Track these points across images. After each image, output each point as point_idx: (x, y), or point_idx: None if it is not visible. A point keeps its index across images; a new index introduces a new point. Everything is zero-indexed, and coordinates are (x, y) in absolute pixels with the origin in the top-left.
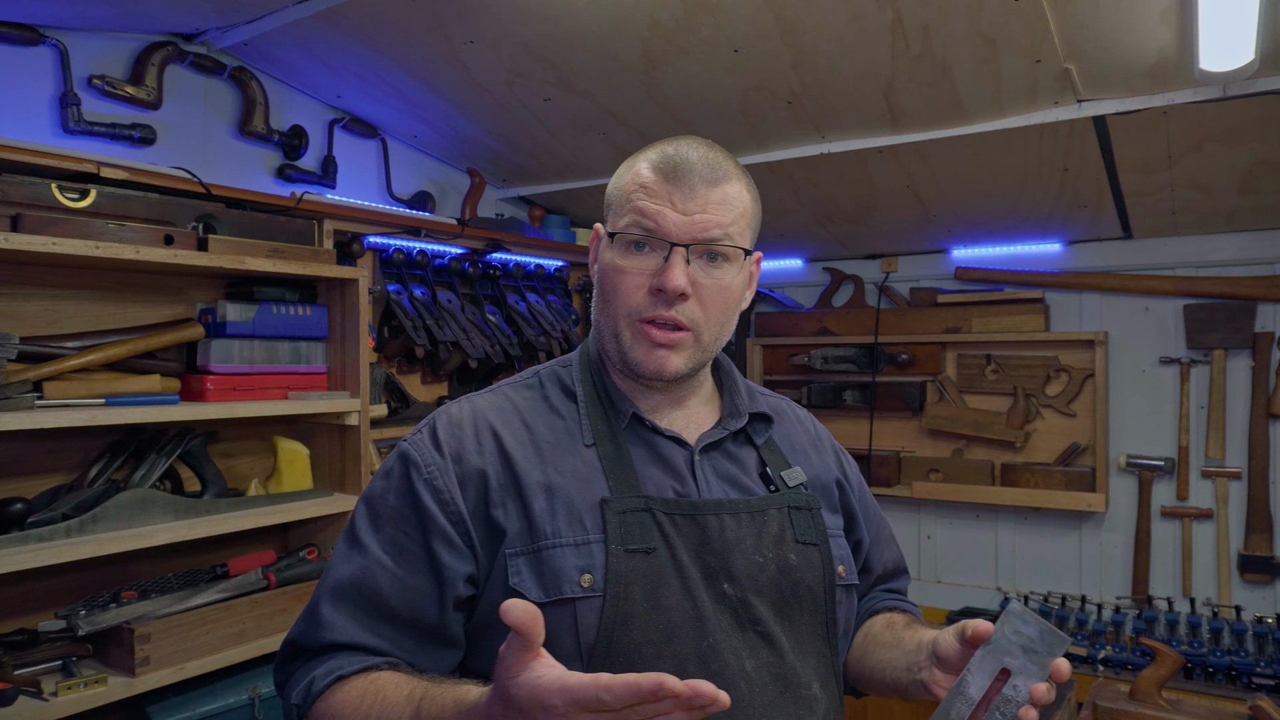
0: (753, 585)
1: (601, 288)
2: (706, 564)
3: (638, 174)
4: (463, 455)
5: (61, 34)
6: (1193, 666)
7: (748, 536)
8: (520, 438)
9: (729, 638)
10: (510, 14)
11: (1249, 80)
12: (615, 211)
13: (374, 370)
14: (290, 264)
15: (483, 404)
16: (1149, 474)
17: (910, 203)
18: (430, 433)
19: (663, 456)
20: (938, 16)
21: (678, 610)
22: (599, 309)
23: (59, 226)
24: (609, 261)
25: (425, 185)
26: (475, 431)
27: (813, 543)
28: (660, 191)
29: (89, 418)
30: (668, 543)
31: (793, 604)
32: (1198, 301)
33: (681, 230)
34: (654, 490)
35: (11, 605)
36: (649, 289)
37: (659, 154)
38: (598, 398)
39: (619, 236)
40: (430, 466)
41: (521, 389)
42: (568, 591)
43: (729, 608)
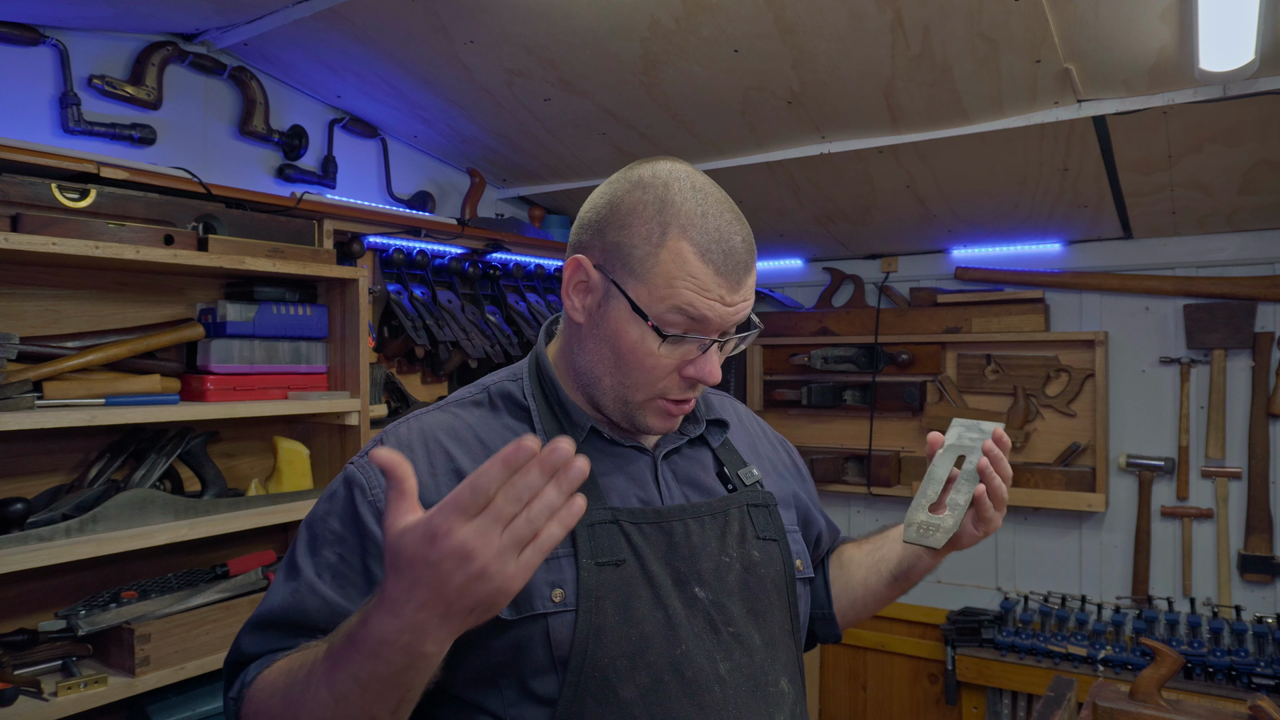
0: (723, 587)
1: (618, 357)
2: (676, 570)
3: (682, 258)
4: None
5: (61, 34)
6: (1193, 666)
7: (712, 539)
8: (476, 454)
9: (702, 642)
10: (510, 14)
11: (1249, 80)
12: (647, 286)
13: (374, 370)
14: (290, 264)
15: (431, 422)
16: (1149, 474)
17: (910, 203)
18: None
19: (624, 466)
20: (938, 16)
21: (650, 621)
22: (603, 369)
23: (59, 226)
24: (637, 342)
25: (425, 185)
26: (427, 452)
27: (772, 538)
28: (710, 286)
29: (89, 418)
30: (636, 553)
31: (761, 600)
32: (1198, 301)
33: (725, 322)
34: (619, 501)
35: (11, 605)
36: (680, 374)
37: (702, 234)
38: (552, 412)
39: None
40: (376, 489)
41: (470, 406)
42: (539, 607)
43: (701, 611)
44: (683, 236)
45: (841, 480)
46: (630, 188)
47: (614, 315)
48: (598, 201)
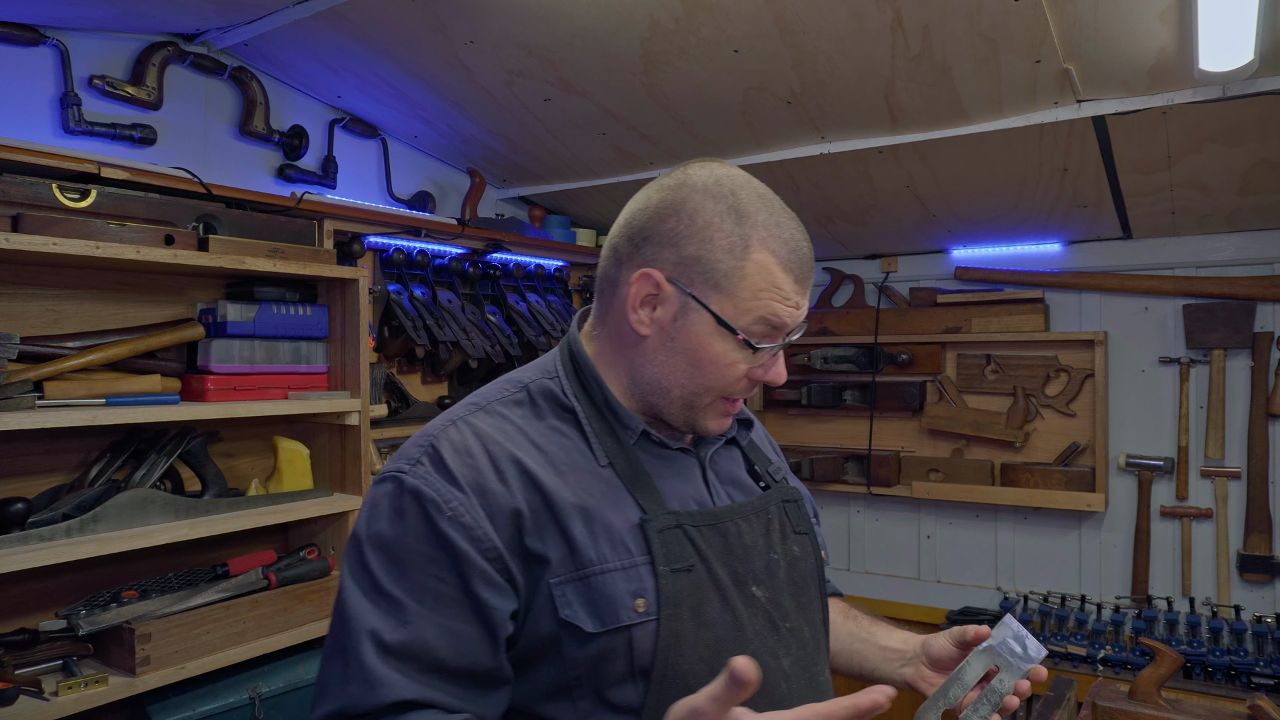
0: (775, 583)
1: (698, 368)
2: (735, 571)
3: (767, 269)
4: (485, 487)
5: (62, 34)
6: (1192, 666)
7: (760, 537)
8: (538, 459)
9: (765, 641)
10: (510, 14)
11: (1249, 80)
12: (732, 299)
13: (374, 370)
14: (290, 264)
15: (484, 427)
16: (1148, 474)
17: (910, 203)
18: (437, 463)
19: (676, 469)
20: (938, 16)
21: (720, 624)
22: (674, 376)
23: (59, 226)
24: (720, 353)
25: (425, 185)
26: (491, 460)
27: (804, 531)
28: (791, 295)
29: (89, 418)
30: (701, 556)
31: (804, 593)
32: (1197, 301)
33: (796, 326)
34: (678, 505)
35: (12, 605)
36: (748, 377)
37: (781, 244)
38: (600, 414)
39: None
40: (453, 503)
41: (512, 405)
42: (624, 618)
43: (761, 610)
44: (764, 248)
45: (841, 480)
46: (700, 197)
47: (695, 329)
48: (657, 208)
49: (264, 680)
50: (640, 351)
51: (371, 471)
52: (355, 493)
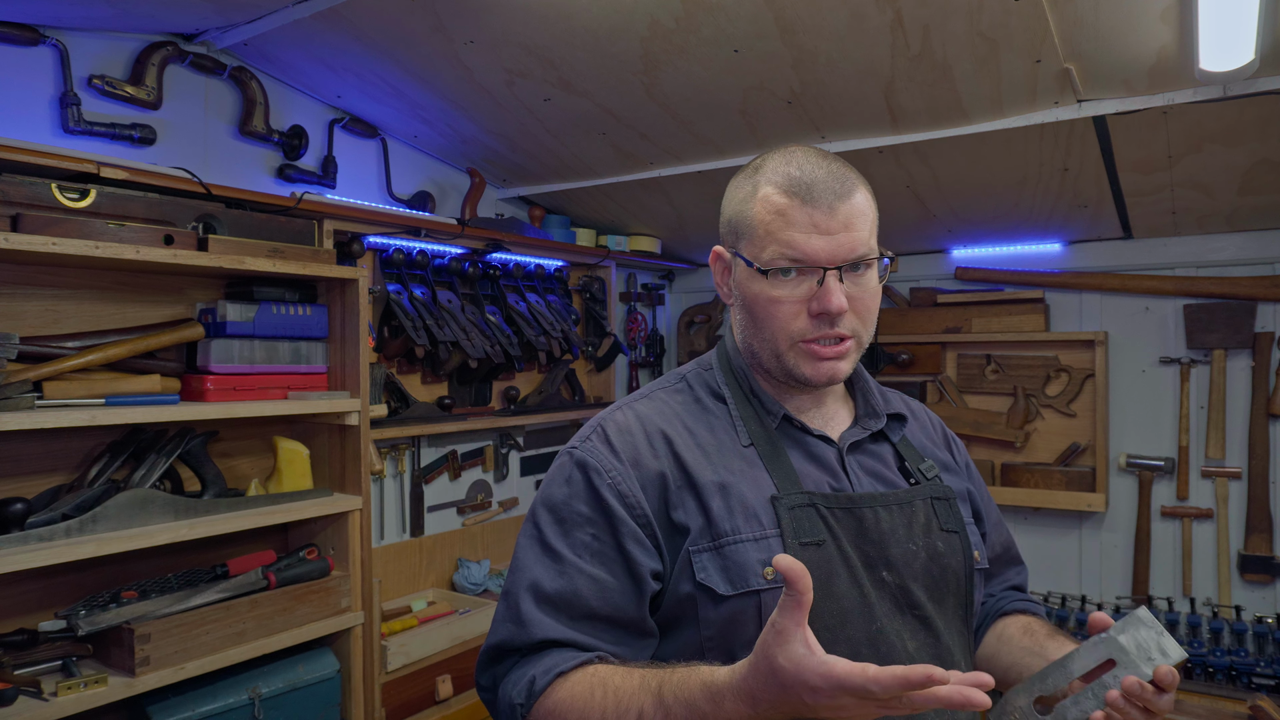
0: (909, 572)
1: (753, 315)
2: (866, 554)
3: (768, 200)
4: (639, 460)
5: (61, 34)
6: (1193, 666)
7: (900, 527)
8: (686, 440)
9: (893, 621)
10: (510, 14)
11: (1249, 80)
12: (751, 240)
13: (374, 370)
14: (290, 264)
15: (644, 409)
16: (1149, 474)
17: (910, 203)
18: (603, 440)
19: (815, 455)
20: (938, 16)
21: (848, 598)
22: (750, 333)
23: (59, 226)
24: (759, 292)
25: (425, 185)
26: (646, 436)
27: (954, 530)
28: (798, 217)
29: (89, 418)
30: (833, 535)
31: (942, 588)
32: (1198, 301)
33: (830, 254)
34: (813, 486)
35: (11, 605)
36: (808, 313)
37: (782, 175)
38: (746, 399)
39: (770, 272)
40: (612, 471)
41: (673, 393)
42: (754, 584)
43: (889, 594)
44: (768, 185)
45: None
46: (740, 176)
47: (741, 280)
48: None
49: (264, 680)
50: (736, 321)
51: (372, 471)
52: (355, 493)
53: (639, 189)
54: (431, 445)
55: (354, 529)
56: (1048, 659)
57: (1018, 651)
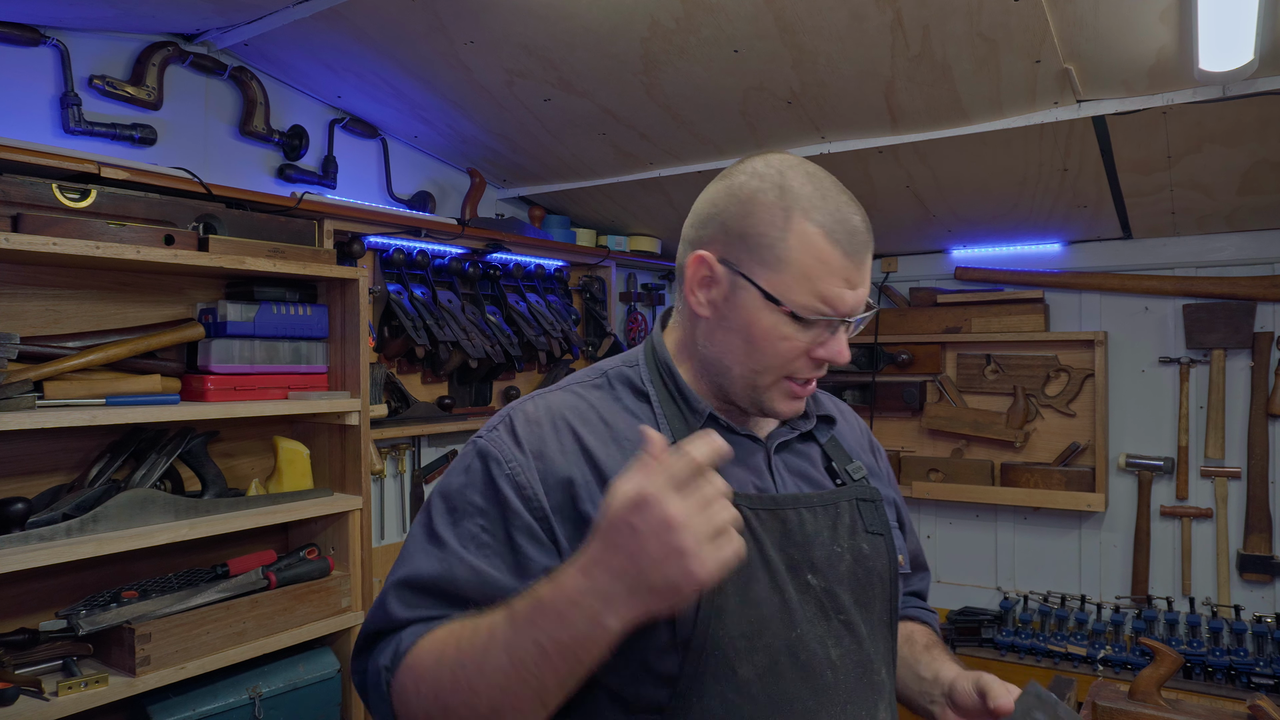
0: (834, 575)
1: (750, 343)
2: (790, 556)
3: (814, 244)
4: (544, 452)
5: (62, 34)
6: (1192, 666)
7: (825, 529)
8: (601, 435)
9: (815, 627)
10: (510, 14)
11: (1248, 80)
12: (779, 274)
13: (374, 370)
14: (290, 264)
15: (557, 401)
16: (1148, 474)
17: (910, 203)
18: (508, 429)
19: (740, 455)
20: (938, 16)
21: (768, 603)
22: (732, 355)
23: (59, 226)
24: (770, 327)
25: (425, 185)
26: (554, 429)
27: (879, 532)
28: (839, 268)
29: (89, 418)
30: (754, 537)
31: (868, 591)
32: (1197, 301)
33: (852, 308)
34: (736, 486)
35: (12, 605)
36: (809, 355)
37: (826, 216)
38: (671, 398)
39: (799, 318)
40: (512, 462)
41: (591, 388)
42: None
43: (814, 598)
44: (806, 219)
45: None
46: (746, 179)
47: (745, 305)
48: (713, 195)
49: (264, 680)
50: (702, 332)
51: (372, 471)
52: (355, 493)
53: (639, 189)
54: (431, 445)
55: (354, 529)
56: (918, 674)
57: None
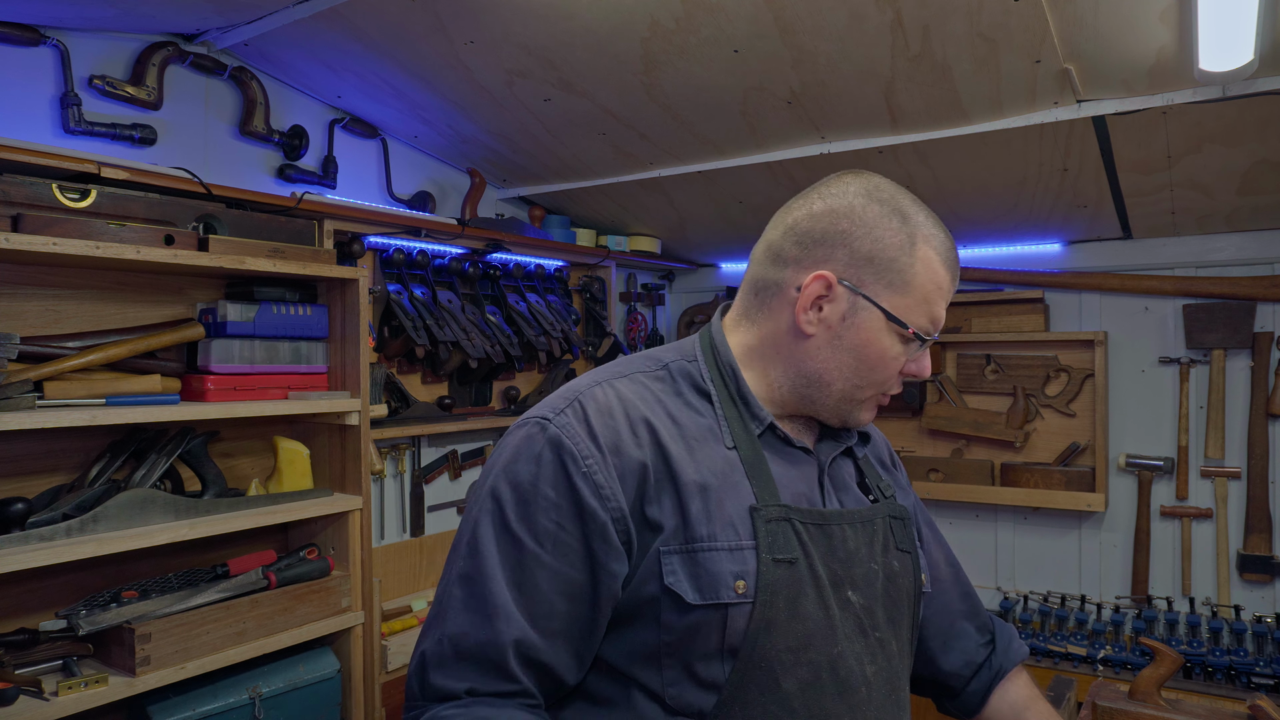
0: (871, 592)
1: (864, 363)
2: (834, 572)
3: (932, 266)
4: (620, 447)
5: (62, 34)
6: (1192, 666)
7: (864, 545)
8: (673, 432)
9: (853, 644)
10: (510, 14)
11: (1248, 80)
12: (903, 296)
13: (374, 370)
14: (290, 264)
15: (627, 391)
16: (1148, 474)
17: None
18: (581, 419)
19: (795, 466)
20: (938, 16)
21: (813, 618)
22: (838, 372)
23: (59, 226)
24: (886, 347)
25: (425, 185)
26: (629, 421)
27: (907, 550)
28: (947, 292)
29: (89, 418)
30: (805, 552)
31: (899, 609)
32: (1197, 301)
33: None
34: (790, 499)
35: (12, 605)
36: (902, 371)
37: (942, 245)
38: (732, 401)
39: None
40: (589, 459)
41: (654, 380)
42: (724, 596)
43: (853, 615)
44: (928, 246)
45: None
46: (862, 202)
47: (864, 325)
48: (826, 214)
49: (264, 680)
50: (804, 349)
51: (372, 471)
52: (355, 493)
53: (639, 189)
54: (432, 445)
55: (354, 529)
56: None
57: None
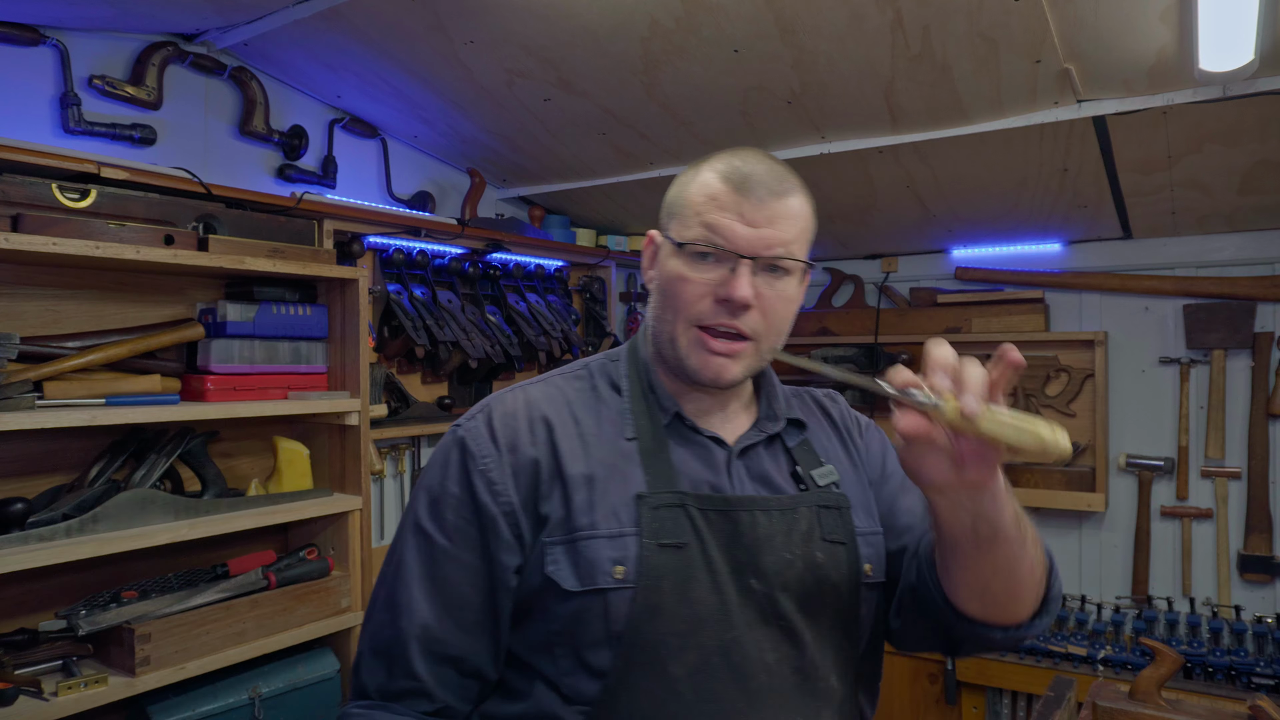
0: (779, 581)
1: (663, 294)
2: (736, 559)
3: (706, 184)
4: (517, 445)
5: (62, 34)
6: (1192, 666)
7: (778, 534)
8: (569, 430)
9: (753, 631)
10: (510, 14)
11: (1249, 80)
12: (681, 220)
13: (374, 370)
14: (290, 264)
15: (536, 394)
16: (1149, 474)
17: (910, 203)
18: (486, 422)
19: (701, 455)
20: (938, 16)
21: (705, 603)
22: (657, 315)
23: (59, 226)
24: (674, 270)
25: (425, 185)
26: (529, 422)
27: (840, 541)
28: (729, 204)
29: (89, 418)
30: (699, 538)
31: (817, 599)
32: (1197, 301)
33: (749, 244)
34: (689, 486)
35: (12, 605)
36: (713, 298)
37: (726, 165)
38: (643, 394)
39: (687, 247)
40: (486, 458)
41: (572, 379)
42: (601, 582)
43: (754, 602)
44: (710, 170)
45: None
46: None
47: (662, 260)
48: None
49: (264, 680)
50: (651, 306)
51: (372, 471)
52: (355, 493)
53: (639, 189)
54: (431, 445)
55: (354, 529)
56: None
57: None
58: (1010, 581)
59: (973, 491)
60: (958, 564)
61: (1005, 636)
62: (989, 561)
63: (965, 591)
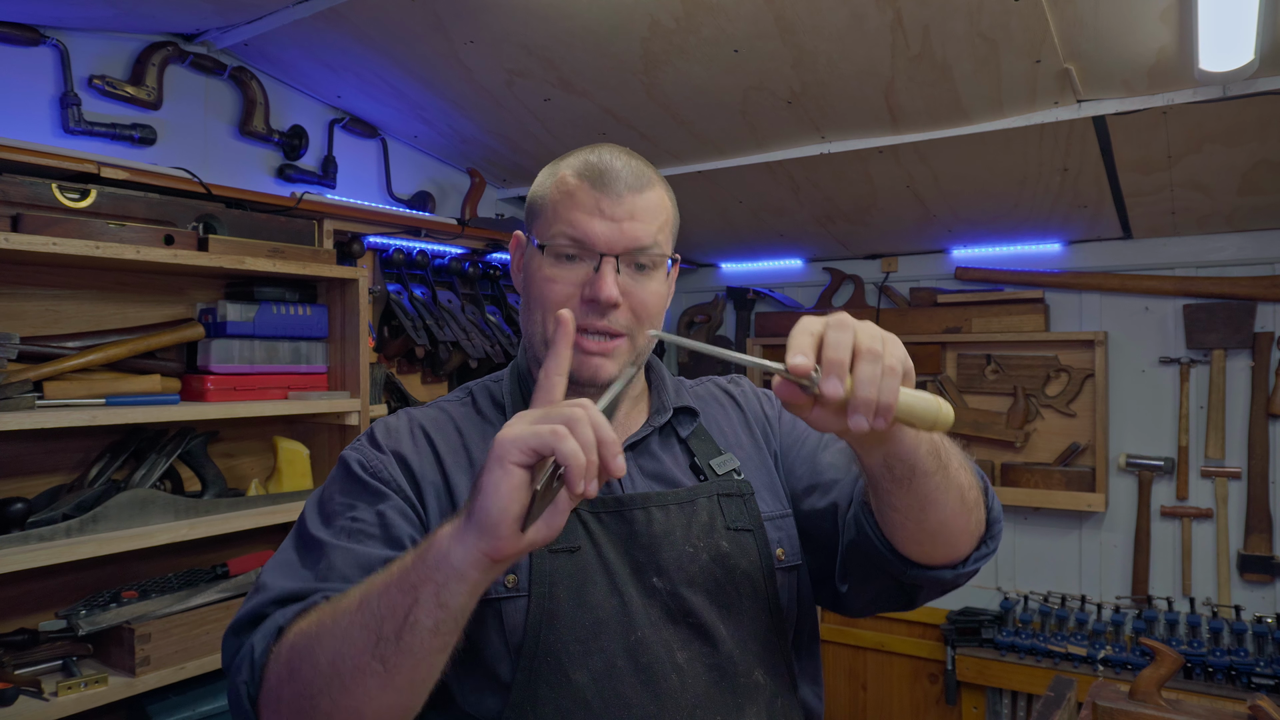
0: (683, 577)
1: (529, 296)
2: (634, 559)
3: (562, 181)
4: (401, 452)
5: (62, 34)
6: (1192, 666)
7: (677, 528)
8: (452, 443)
9: (659, 631)
10: (510, 14)
11: (1249, 80)
12: (541, 220)
13: (374, 370)
14: (290, 264)
15: (418, 414)
16: (1149, 474)
17: (910, 203)
18: (369, 437)
19: None
20: (938, 17)
21: (604, 607)
22: (527, 318)
23: (59, 226)
24: (539, 271)
25: (425, 185)
26: (411, 434)
27: (745, 528)
28: (587, 200)
29: (89, 418)
30: (593, 540)
31: (729, 591)
32: (1197, 301)
33: (610, 241)
34: None
35: (12, 605)
36: (580, 298)
37: (582, 161)
38: (525, 405)
39: (549, 248)
40: (372, 461)
41: (455, 403)
42: (493, 591)
43: (659, 601)
44: (567, 169)
45: None
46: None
47: (527, 262)
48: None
49: None
50: (521, 310)
51: None
52: None
53: None
54: None
55: None
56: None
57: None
58: (943, 512)
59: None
60: (886, 504)
61: (955, 575)
62: (913, 497)
63: (902, 533)
